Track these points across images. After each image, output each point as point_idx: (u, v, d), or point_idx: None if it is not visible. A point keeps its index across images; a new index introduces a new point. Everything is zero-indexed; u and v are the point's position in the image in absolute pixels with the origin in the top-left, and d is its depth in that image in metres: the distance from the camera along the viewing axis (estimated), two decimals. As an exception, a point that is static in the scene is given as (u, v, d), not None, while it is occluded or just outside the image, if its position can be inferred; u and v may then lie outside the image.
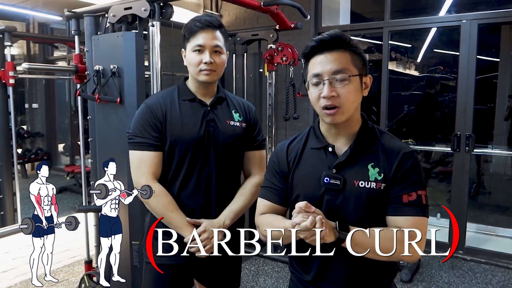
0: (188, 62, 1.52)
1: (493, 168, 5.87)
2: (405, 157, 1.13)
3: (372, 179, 1.13)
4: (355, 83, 1.12)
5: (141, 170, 1.48)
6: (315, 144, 1.22)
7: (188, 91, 1.56)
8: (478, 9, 3.64)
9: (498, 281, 3.22)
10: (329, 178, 1.15)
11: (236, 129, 1.58)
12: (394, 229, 1.08)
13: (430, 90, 6.25)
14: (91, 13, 2.56)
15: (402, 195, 1.11)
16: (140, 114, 1.52)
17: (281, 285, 3.17)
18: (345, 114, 1.12)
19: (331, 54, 1.12)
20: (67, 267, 3.44)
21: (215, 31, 1.50)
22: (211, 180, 1.54)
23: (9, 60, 3.04)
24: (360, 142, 1.17)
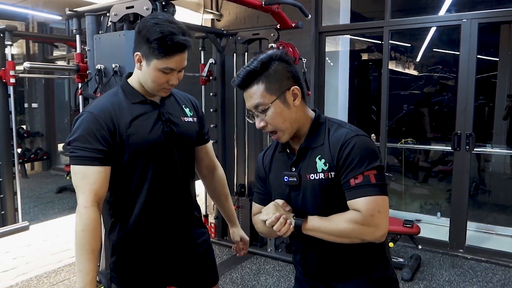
0: (149, 77, 1.35)
1: (492, 167, 5.89)
2: (345, 143, 1.18)
3: (319, 170, 1.21)
4: (276, 107, 1.21)
5: (83, 187, 1.29)
6: (280, 148, 1.36)
7: (136, 92, 1.41)
8: (478, 8, 3.65)
9: (498, 280, 3.23)
10: (288, 177, 1.27)
11: (191, 125, 1.53)
12: (348, 212, 1.17)
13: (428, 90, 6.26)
14: (93, 12, 2.56)
15: (349, 180, 1.17)
16: (84, 124, 1.32)
17: (282, 284, 3.17)
18: (285, 133, 1.24)
19: (248, 91, 1.23)
20: (68, 266, 3.44)
21: (186, 52, 1.35)
22: (179, 181, 1.48)
23: (10, 59, 3.03)
24: (310, 139, 1.26)
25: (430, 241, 3.81)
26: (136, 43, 1.37)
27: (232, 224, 1.76)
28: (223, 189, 1.72)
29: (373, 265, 1.29)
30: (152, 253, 1.46)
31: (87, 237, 1.26)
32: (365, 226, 1.13)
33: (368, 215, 1.13)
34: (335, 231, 1.16)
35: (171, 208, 1.47)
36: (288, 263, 3.52)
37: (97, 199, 1.29)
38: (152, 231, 1.45)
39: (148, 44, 1.30)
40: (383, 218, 1.14)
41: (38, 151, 5.95)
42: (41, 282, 3.19)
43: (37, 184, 5.76)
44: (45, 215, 4.45)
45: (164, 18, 1.32)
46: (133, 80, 1.44)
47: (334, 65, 4.77)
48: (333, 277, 1.30)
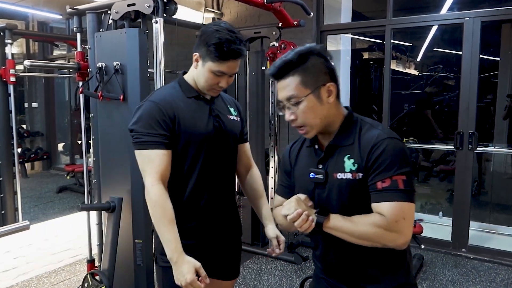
0: (202, 77, 1.48)
1: (494, 167, 5.87)
2: (376, 145, 1.15)
3: (347, 170, 1.19)
4: (308, 101, 1.19)
5: (149, 169, 1.42)
6: (308, 143, 1.33)
7: (191, 88, 1.55)
8: (480, 7, 3.63)
9: (502, 279, 3.21)
10: (314, 174, 1.25)
11: (236, 124, 1.65)
12: (372, 214, 1.14)
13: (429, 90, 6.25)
14: (94, 10, 2.54)
15: (376, 182, 1.14)
16: (148, 112, 1.45)
17: (284, 284, 3.16)
18: (313, 129, 1.22)
19: (282, 82, 1.21)
20: (69, 266, 3.42)
21: (239, 60, 1.48)
22: (225, 172, 1.60)
23: (10, 58, 3.02)
24: (339, 137, 1.24)
25: (432, 240, 3.79)
26: (196, 45, 1.49)
27: (267, 222, 1.76)
28: (259, 186, 1.77)
29: (395, 269, 1.25)
30: (198, 235, 1.54)
31: (159, 211, 1.39)
32: (388, 231, 1.10)
33: (393, 220, 1.10)
34: (357, 232, 1.14)
35: (217, 196, 1.58)
36: (290, 263, 3.50)
37: (162, 178, 1.42)
38: (199, 215, 1.54)
39: (206, 47, 1.43)
40: (407, 225, 1.12)
41: (38, 150, 5.94)
42: (42, 282, 3.17)
43: (37, 183, 5.74)
44: (46, 215, 4.43)
45: (225, 26, 1.45)
46: (188, 77, 1.57)
47: (335, 64, 4.74)
48: (354, 276, 1.27)
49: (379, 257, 1.22)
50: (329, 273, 1.33)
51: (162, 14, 2.23)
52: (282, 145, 3.74)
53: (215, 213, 1.58)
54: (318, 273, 1.39)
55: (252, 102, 3.70)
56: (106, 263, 2.33)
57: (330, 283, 1.33)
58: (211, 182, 1.55)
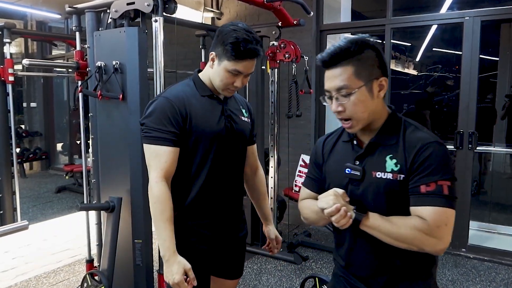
0: (218, 76, 1.48)
1: (493, 167, 5.88)
2: (423, 148, 1.12)
3: (388, 170, 1.15)
4: (360, 94, 1.14)
5: (155, 164, 1.43)
6: (345, 137, 1.29)
7: (205, 87, 1.55)
8: (480, 6, 3.63)
9: (502, 279, 3.21)
10: (351, 169, 1.21)
11: (247, 125, 1.66)
12: (412, 217, 1.09)
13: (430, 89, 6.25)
14: (93, 9, 2.52)
15: (420, 186, 1.10)
16: (160, 108, 1.45)
17: (284, 284, 3.15)
18: (359, 123, 1.18)
19: (334, 70, 1.15)
20: (68, 266, 3.40)
21: (255, 60, 1.48)
22: (234, 172, 1.61)
23: (8, 57, 3.00)
24: (381, 135, 1.20)
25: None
26: (213, 44, 1.50)
27: (268, 222, 1.83)
28: (263, 188, 1.81)
29: (420, 273, 1.21)
30: (203, 237, 1.55)
31: (159, 208, 1.41)
32: (429, 236, 1.07)
33: (434, 225, 1.07)
34: (395, 234, 1.10)
35: (225, 196, 1.59)
36: (289, 263, 3.50)
37: (166, 175, 1.44)
38: (205, 215, 1.55)
39: (223, 46, 1.43)
40: (448, 231, 1.08)
41: (36, 150, 5.92)
42: (40, 282, 3.15)
43: (36, 183, 5.73)
44: (44, 215, 4.42)
45: (243, 26, 1.45)
46: (203, 75, 1.57)
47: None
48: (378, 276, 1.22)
49: (407, 259, 1.18)
50: (351, 272, 1.28)
51: (162, 13, 2.22)
52: (281, 144, 3.74)
53: (222, 212, 1.58)
54: (338, 271, 1.35)
55: (252, 102, 3.68)
56: (105, 263, 2.32)
57: (349, 282, 1.29)
58: (220, 181, 1.55)
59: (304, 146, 4.31)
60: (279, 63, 3.46)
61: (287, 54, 3.35)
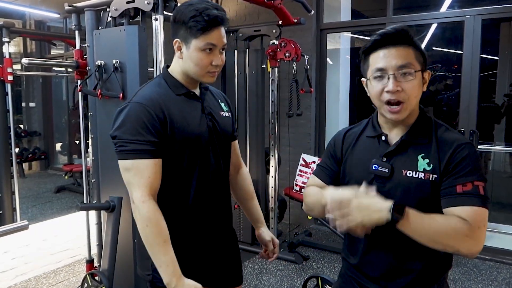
0: (192, 61, 1.31)
1: (493, 165, 5.87)
2: (458, 148, 1.10)
3: (420, 169, 1.12)
4: (418, 78, 1.12)
5: (137, 181, 1.25)
6: (371, 132, 1.24)
7: (179, 84, 1.38)
8: (481, 4, 3.62)
9: (503, 278, 3.20)
10: (378, 166, 1.17)
11: (228, 121, 1.52)
12: (452, 217, 1.05)
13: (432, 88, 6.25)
14: (92, 7, 2.51)
15: (456, 185, 1.07)
16: (133, 115, 1.26)
17: (285, 284, 3.14)
18: (408, 109, 1.13)
19: (395, 48, 1.11)
20: (67, 266, 3.39)
21: (223, 28, 1.32)
22: (222, 174, 1.48)
23: (7, 56, 2.99)
24: (413, 133, 1.17)
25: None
26: (173, 31, 1.34)
27: (260, 224, 1.65)
28: (249, 186, 1.66)
29: (438, 278, 1.19)
30: (198, 251, 1.41)
31: (154, 231, 1.24)
32: (469, 237, 1.02)
33: (476, 226, 1.03)
34: (434, 234, 1.03)
35: (217, 203, 1.46)
36: (290, 263, 3.48)
37: (152, 192, 1.26)
38: (199, 227, 1.41)
39: (185, 25, 1.28)
40: (484, 233, 1.05)
41: (36, 150, 5.91)
42: (40, 282, 3.14)
43: (35, 183, 5.72)
44: (44, 215, 4.41)
45: (197, 0, 1.31)
46: (174, 71, 1.39)
47: (335, 63, 4.74)
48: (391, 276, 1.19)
49: (427, 262, 1.15)
50: (364, 272, 1.23)
51: (162, 11, 2.21)
52: (282, 144, 3.73)
53: (213, 219, 1.46)
54: (347, 271, 1.30)
55: (252, 101, 3.68)
56: (105, 263, 2.31)
57: (359, 283, 1.25)
58: (209, 185, 1.41)
59: (304, 145, 4.30)
60: (280, 62, 3.45)
61: (288, 53, 3.33)
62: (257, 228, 1.66)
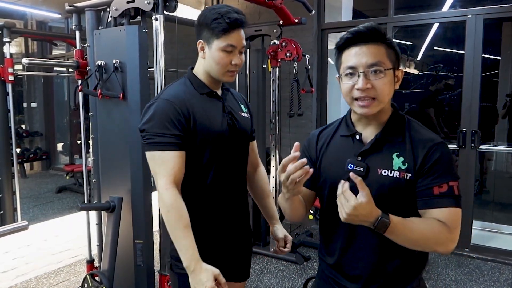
0: (213, 60, 1.41)
1: (495, 166, 5.85)
2: (432, 149, 1.10)
3: (395, 168, 1.12)
4: (389, 76, 1.12)
5: (162, 171, 1.34)
6: (345, 132, 1.24)
7: (203, 84, 1.48)
8: (483, 4, 3.60)
9: (506, 279, 3.19)
10: (353, 165, 1.16)
11: (248, 121, 1.60)
12: (430, 220, 1.08)
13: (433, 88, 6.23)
14: (93, 7, 2.51)
15: (433, 187, 1.08)
16: (161, 110, 1.36)
17: (285, 284, 3.13)
18: (378, 106, 1.13)
19: (366, 46, 1.11)
20: (68, 267, 3.39)
21: (243, 30, 1.43)
22: (240, 172, 1.56)
23: (8, 56, 2.99)
24: (387, 131, 1.16)
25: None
26: (197, 34, 1.45)
27: (275, 221, 1.73)
28: (265, 185, 1.74)
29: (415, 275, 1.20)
30: (214, 245, 1.49)
31: (175, 215, 1.32)
32: (448, 238, 1.06)
33: (454, 227, 1.06)
34: (416, 239, 1.06)
35: (232, 198, 1.53)
36: (291, 263, 3.48)
37: (176, 181, 1.35)
38: (216, 222, 1.49)
39: (208, 27, 1.39)
40: (459, 231, 1.09)
41: (37, 150, 5.91)
42: (41, 282, 3.14)
43: (36, 184, 5.72)
44: (45, 215, 4.41)
45: (220, 5, 1.43)
46: (198, 71, 1.50)
47: (336, 63, 4.73)
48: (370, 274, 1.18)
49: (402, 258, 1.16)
50: (342, 272, 1.23)
51: (162, 11, 2.20)
52: (283, 144, 3.71)
53: (229, 214, 1.53)
54: (324, 271, 1.30)
55: (253, 101, 3.67)
56: (106, 264, 2.31)
57: (338, 283, 1.25)
58: (227, 180, 1.49)
59: (305, 145, 4.28)
60: (281, 61, 3.44)
61: (289, 53, 3.33)
62: (271, 224, 1.73)
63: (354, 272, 1.20)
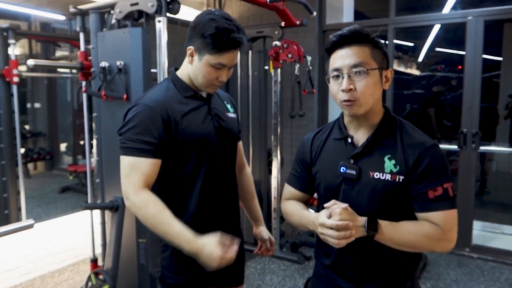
0: (200, 72, 1.35)
1: (496, 166, 5.86)
2: (425, 151, 1.11)
3: (387, 171, 1.13)
4: (373, 76, 1.13)
5: (132, 176, 1.27)
6: (337, 135, 1.25)
7: (187, 86, 1.42)
8: (484, 6, 3.62)
9: (506, 279, 3.20)
10: (346, 168, 1.17)
11: (234, 121, 1.55)
12: (423, 223, 1.10)
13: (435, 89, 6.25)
14: (97, 10, 2.54)
15: (428, 191, 1.09)
16: (139, 116, 1.30)
17: (287, 283, 3.15)
18: (362, 106, 1.13)
19: (350, 48, 1.13)
20: (72, 266, 3.42)
21: (239, 50, 1.36)
22: (229, 175, 1.52)
23: (13, 58, 3.03)
24: (379, 134, 1.17)
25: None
26: (189, 38, 1.37)
27: (259, 223, 1.71)
28: (250, 187, 1.71)
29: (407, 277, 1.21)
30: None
31: (155, 210, 1.25)
32: (442, 240, 1.09)
33: (448, 230, 1.09)
34: (409, 242, 1.10)
35: (223, 203, 1.49)
36: (293, 263, 3.50)
37: (145, 185, 1.29)
38: (205, 226, 1.40)
39: (203, 38, 1.31)
40: (456, 231, 1.11)
41: (41, 151, 5.95)
42: (45, 281, 3.17)
43: (40, 184, 5.75)
44: (48, 214, 4.44)
45: (221, 14, 1.32)
46: (182, 74, 1.44)
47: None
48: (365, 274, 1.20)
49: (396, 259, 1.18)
50: (339, 272, 1.24)
51: (165, 14, 2.23)
52: (284, 144, 3.74)
53: (221, 221, 1.48)
54: (321, 271, 1.30)
55: (255, 102, 3.70)
56: (109, 263, 2.34)
57: (334, 283, 1.25)
58: (216, 184, 1.44)
59: (307, 146, 4.30)
60: (282, 63, 3.47)
61: (290, 54, 3.35)
62: (256, 226, 1.72)
63: (350, 273, 1.21)
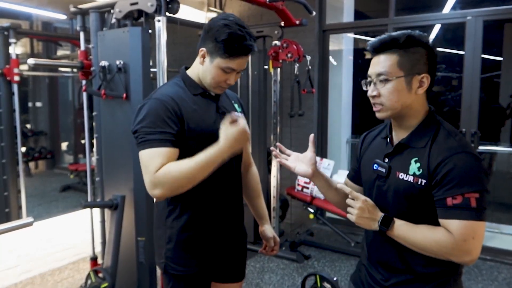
0: (210, 73, 1.40)
1: (496, 166, 5.85)
2: (449, 158, 1.10)
3: (411, 173, 1.16)
4: (397, 84, 1.16)
5: (151, 165, 1.27)
6: (383, 134, 1.32)
7: (196, 84, 1.46)
8: (483, 6, 3.63)
9: (504, 278, 3.21)
10: (378, 165, 1.24)
11: None
12: (438, 230, 1.11)
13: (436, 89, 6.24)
14: (97, 9, 2.56)
15: (446, 198, 1.09)
16: (153, 110, 1.33)
17: (286, 282, 3.17)
18: (388, 111, 1.19)
19: (379, 57, 1.19)
20: (72, 264, 3.44)
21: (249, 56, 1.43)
22: (235, 173, 1.56)
23: (14, 57, 3.04)
24: (413, 136, 1.20)
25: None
26: (202, 39, 1.41)
27: (264, 221, 1.74)
28: (257, 185, 1.74)
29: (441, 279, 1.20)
30: (207, 246, 1.49)
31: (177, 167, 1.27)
32: (455, 249, 1.07)
33: (461, 240, 1.06)
34: (420, 245, 1.12)
35: (228, 200, 1.53)
36: (292, 261, 3.51)
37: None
38: (210, 221, 1.48)
39: (215, 42, 1.35)
40: (476, 244, 1.07)
41: (42, 150, 5.97)
42: (45, 279, 3.19)
43: (41, 182, 5.77)
44: (49, 213, 4.45)
45: (235, 20, 1.37)
46: (192, 73, 1.48)
47: (338, 64, 4.76)
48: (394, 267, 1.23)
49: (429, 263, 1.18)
50: (372, 261, 1.30)
51: (165, 13, 2.25)
52: (284, 144, 3.74)
53: (224, 215, 1.52)
54: (362, 260, 1.38)
55: (254, 101, 3.72)
56: (109, 261, 2.35)
57: (368, 271, 1.31)
58: (221, 181, 1.47)
59: (306, 145, 4.28)
60: (282, 62, 3.48)
61: (290, 54, 3.37)
62: (261, 225, 1.75)
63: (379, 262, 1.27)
